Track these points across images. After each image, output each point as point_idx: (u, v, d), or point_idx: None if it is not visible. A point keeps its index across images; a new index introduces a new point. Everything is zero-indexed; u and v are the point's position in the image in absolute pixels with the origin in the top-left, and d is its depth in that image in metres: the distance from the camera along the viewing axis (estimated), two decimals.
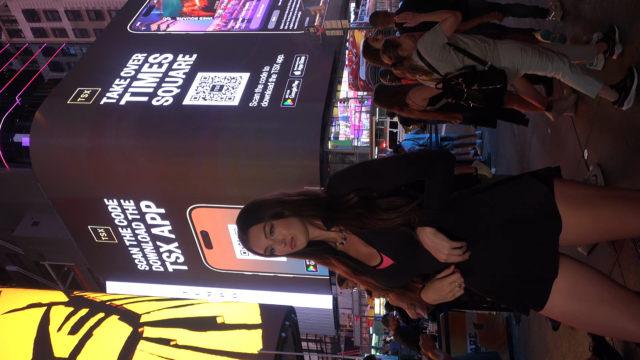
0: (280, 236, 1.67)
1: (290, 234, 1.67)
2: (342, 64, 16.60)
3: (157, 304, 11.91)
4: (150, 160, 13.58)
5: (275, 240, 1.68)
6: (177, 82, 14.61)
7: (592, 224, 1.65)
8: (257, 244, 1.71)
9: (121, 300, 11.95)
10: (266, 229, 1.67)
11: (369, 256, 1.77)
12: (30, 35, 38.17)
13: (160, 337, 10.78)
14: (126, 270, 17.03)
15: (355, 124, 15.01)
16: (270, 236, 1.67)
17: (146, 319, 11.23)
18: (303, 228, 1.69)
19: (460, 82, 3.02)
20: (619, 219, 1.64)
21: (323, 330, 20.58)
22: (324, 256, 1.81)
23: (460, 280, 1.64)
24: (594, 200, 1.65)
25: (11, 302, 11.50)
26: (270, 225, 1.66)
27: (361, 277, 1.80)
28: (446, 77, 3.10)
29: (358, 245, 1.77)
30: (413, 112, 3.77)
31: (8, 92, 21.22)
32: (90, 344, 10.57)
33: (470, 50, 3.04)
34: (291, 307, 12.64)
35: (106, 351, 10.59)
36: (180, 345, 10.66)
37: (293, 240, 1.67)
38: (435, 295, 1.69)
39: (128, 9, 18.79)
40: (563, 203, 1.64)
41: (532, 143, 4.93)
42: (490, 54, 3.04)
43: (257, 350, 10.61)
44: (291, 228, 1.67)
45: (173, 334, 10.87)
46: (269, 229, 1.67)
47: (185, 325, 11.06)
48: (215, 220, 14.86)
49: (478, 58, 3.03)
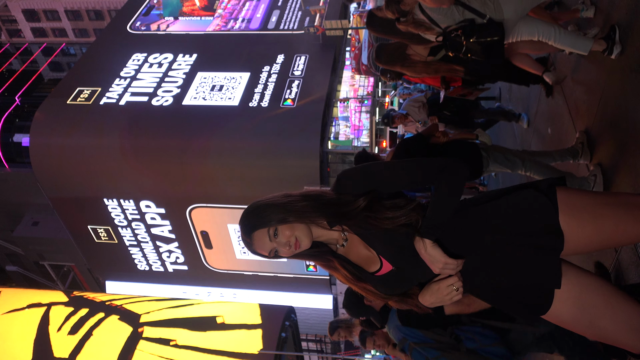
0: (284, 239, 1.67)
1: (294, 235, 1.67)
2: (342, 64, 16.60)
3: (157, 304, 11.90)
4: (150, 160, 13.57)
5: (280, 242, 1.69)
6: (177, 82, 14.61)
7: (595, 235, 1.65)
8: (261, 247, 1.72)
9: (121, 300, 11.95)
10: (270, 232, 1.68)
11: (369, 260, 1.77)
12: (30, 35, 38.16)
13: (160, 337, 10.78)
14: (126, 270, 17.03)
15: (355, 124, 15.00)
16: (274, 239, 1.68)
17: (146, 319, 11.22)
18: (307, 230, 1.69)
19: (459, 35, 3.06)
20: (622, 229, 1.63)
21: (323, 330, 20.58)
22: (326, 258, 1.80)
23: (458, 284, 1.63)
24: (597, 210, 1.63)
25: (11, 302, 11.49)
26: (275, 228, 1.67)
27: (360, 284, 1.80)
28: (446, 30, 3.13)
29: (359, 247, 1.76)
30: (416, 67, 3.75)
31: (8, 92, 21.22)
32: (90, 343, 10.57)
33: (469, 3, 3.07)
34: (291, 307, 12.64)
35: (106, 351, 10.59)
36: (180, 345, 10.66)
37: (297, 242, 1.68)
38: (433, 297, 1.67)
39: (128, 9, 18.78)
40: (566, 214, 1.63)
41: (532, 143, 4.94)
42: (491, 5, 3.06)
43: (257, 350, 10.61)
44: (295, 230, 1.67)
45: (173, 334, 10.87)
46: (273, 232, 1.67)
47: (185, 325, 11.05)
48: (215, 220, 14.86)
49: (477, 11, 3.07)
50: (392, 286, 1.78)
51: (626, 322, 1.60)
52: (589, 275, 1.69)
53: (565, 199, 1.65)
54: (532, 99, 5.03)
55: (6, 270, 23.02)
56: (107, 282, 17.88)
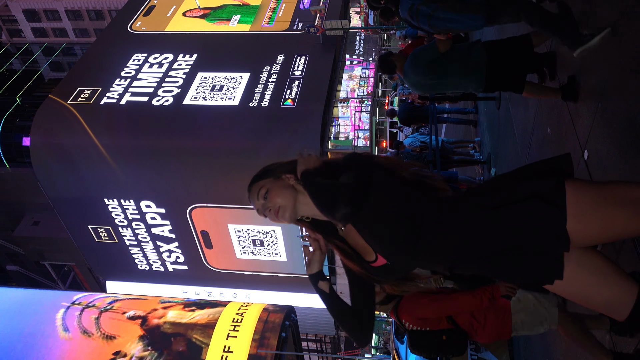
0: (270, 203, 1.74)
1: (279, 204, 1.72)
2: (342, 64, 16.61)
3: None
4: (151, 160, 13.58)
5: (264, 205, 1.76)
6: (178, 82, 14.61)
7: (602, 235, 1.63)
8: (253, 201, 1.80)
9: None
10: (261, 190, 1.75)
11: (365, 250, 1.79)
12: (30, 35, 38.17)
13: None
14: (126, 270, 17.04)
15: (355, 124, 14.99)
16: (262, 199, 1.75)
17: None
18: (292, 203, 1.74)
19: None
20: (631, 228, 1.60)
21: (323, 330, 20.58)
22: (327, 232, 1.84)
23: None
24: (607, 211, 1.58)
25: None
26: (266, 190, 1.74)
27: (357, 266, 1.81)
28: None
29: (355, 237, 1.78)
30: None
31: (8, 92, 21.24)
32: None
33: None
34: (291, 307, 12.63)
35: None
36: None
37: (280, 210, 1.73)
38: None
39: (128, 9, 18.79)
40: (575, 219, 1.58)
41: (532, 143, 4.94)
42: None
43: (257, 350, 10.61)
44: (283, 198, 1.73)
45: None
46: (264, 192, 1.74)
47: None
48: (215, 220, 14.87)
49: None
50: (386, 278, 1.82)
51: (616, 297, 1.60)
52: (585, 251, 1.66)
53: (574, 202, 1.58)
54: (532, 99, 5.02)
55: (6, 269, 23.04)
56: (107, 282, 17.89)
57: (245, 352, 10.61)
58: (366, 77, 16.40)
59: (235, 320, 11.30)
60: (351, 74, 16.61)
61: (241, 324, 11.19)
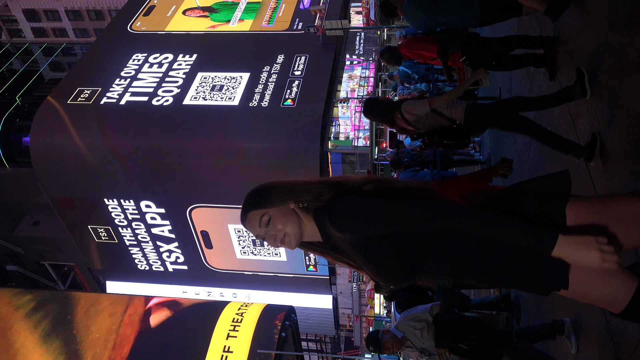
0: (274, 231, 1.67)
1: (285, 231, 1.67)
2: (342, 64, 16.61)
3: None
4: (150, 160, 13.58)
5: (268, 233, 1.68)
6: (177, 82, 14.61)
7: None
8: (251, 229, 1.72)
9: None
10: (264, 218, 1.67)
11: None
12: (30, 35, 38.16)
13: None
14: (126, 270, 17.04)
15: (355, 124, 15.00)
16: (264, 227, 1.68)
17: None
18: (298, 230, 1.69)
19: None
20: (630, 244, 1.64)
21: (323, 330, 20.58)
22: (328, 254, 1.82)
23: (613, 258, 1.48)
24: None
25: None
26: (269, 217, 1.66)
27: (360, 270, 1.82)
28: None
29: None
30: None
31: (8, 92, 21.24)
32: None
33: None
34: (291, 307, 12.62)
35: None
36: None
37: (285, 239, 1.68)
38: (582, 252, 1.46)
39: (128, 9, 18.79)
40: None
41: (532, 143, 4.93)
42: None
43: (257, 350, 10.61)
44: (287, 225, 1.67)
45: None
46: (267, 219, 1.67)
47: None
48: (215, 220, 14.87)
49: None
50: (390, 285, 1.82)
51: (614, 293, 1.60)
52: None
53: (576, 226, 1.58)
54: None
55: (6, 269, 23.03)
56: (107, 282, 17.90)
57: (245, 352, 10.61)
58: (366, 77, 16.40)
59: (235, 320, 11.28)
60: (351, 74, 16.62)
61: (241, 324, 11.18)
